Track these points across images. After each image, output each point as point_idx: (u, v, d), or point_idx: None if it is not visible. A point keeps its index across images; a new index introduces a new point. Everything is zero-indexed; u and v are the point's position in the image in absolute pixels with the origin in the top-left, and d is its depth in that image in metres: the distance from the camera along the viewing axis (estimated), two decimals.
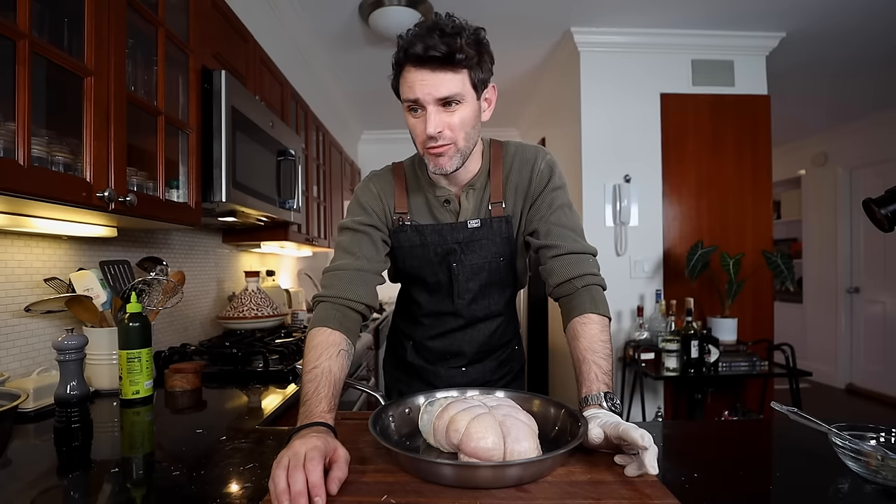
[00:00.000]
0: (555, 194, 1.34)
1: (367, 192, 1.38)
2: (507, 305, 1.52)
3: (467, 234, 1.35)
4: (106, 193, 1.31)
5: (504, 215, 1.36)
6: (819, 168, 6.25)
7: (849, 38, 3.56)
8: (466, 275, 1.39)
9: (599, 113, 3.61)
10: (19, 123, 1.09)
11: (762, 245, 3.57)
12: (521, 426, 0.89)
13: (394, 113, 5.21)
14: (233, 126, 1.95)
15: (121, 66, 1.40)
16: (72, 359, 1.19)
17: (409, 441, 1.05)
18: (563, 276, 1.26)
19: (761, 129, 3.64)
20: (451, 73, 1.13)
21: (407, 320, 1.56)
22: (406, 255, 1.39)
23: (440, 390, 1.19)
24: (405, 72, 1.16)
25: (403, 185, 1.40)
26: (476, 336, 1.49)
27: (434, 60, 1.11)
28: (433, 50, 1.09)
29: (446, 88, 1.13)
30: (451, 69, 1.13)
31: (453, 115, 1.17)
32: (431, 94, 1.13)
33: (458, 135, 1.19)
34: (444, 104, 1.15)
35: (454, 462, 0.86)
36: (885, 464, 0.85)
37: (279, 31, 3.12)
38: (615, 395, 1.08)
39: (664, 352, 3.08)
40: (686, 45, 3.61)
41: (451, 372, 1.53)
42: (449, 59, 1.11)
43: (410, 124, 1.23)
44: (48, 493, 0.93)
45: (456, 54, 1.11)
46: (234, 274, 3.06)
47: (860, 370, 5.82)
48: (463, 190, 1.36)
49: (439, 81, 1.13)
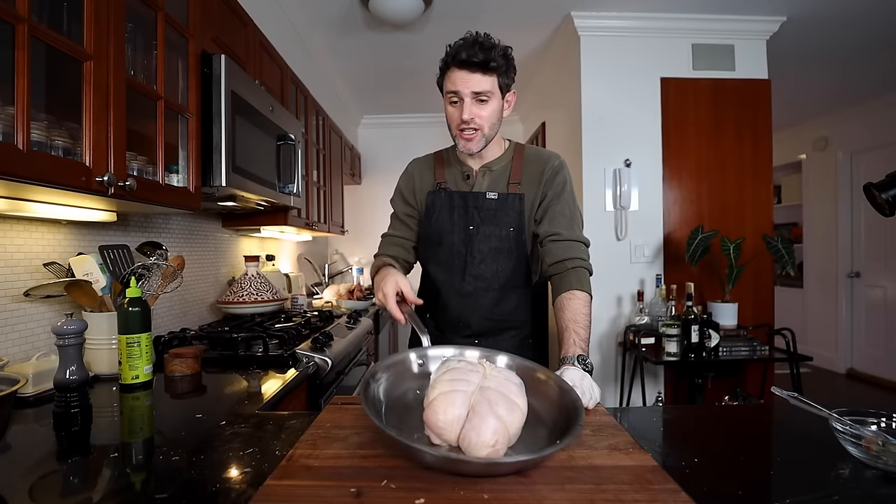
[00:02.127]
0: (561, 189, 1.63)
1: (406, 175, 1.79)
2: (512, 285, 1.70)
3: (486, 203, 1.65)
4: (105, 178, 1.31)
5: (519, 193, 1.64)
6: (820, 152, 6.22)
7: (849, 22, 3.52)
8: (481, 235, 1.65)
9: (600, 97, 3.58)
10: (19, 108, 1.08)
11: (763, 230, 3.56)
12: (489, 419, 0.85)
13: (393, 97, 5.21)
14: (232, 110, 1.93)
15: (120, 50, 1.39)
16: (71, 343, 1.18)
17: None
18: (557, 257, 1.55)
19: (762, 114, 3.62)
20: (484, 76, 1.49)
21: (425, 297, 1.72)
22: (438, 213, 1.69)
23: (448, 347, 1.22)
24: (450, 71, 1.52)
25: (441, 163, 1.76)
26: (480, 304, 1.69)
27: (473, 65, 1.47)
28: (474, 56, 1.46)
29: (479, 86, 1.49)
30: (484, 72, 1.49)
31: (483, 107, 1.53)
32: (469, 88, 1.49)
33: (484, 123, 1.54)
34: (477, 98, 1.51)
35: (418, 445, 0.81)
36: (886, 449, 0.85)
37: (279, 15, 3.09)
38: (587, 357, 1.31)
39: (664, 336, 3.08)
40: (686, 30, 3.57)
41: (464, 342, 1.68)
42: (484, 65, 1.47)
43: (449, 112, 1.58)
44: (48, 478, 0.93)
45: (490, 62, 1.47)
46: (233, 258, 3.05)
47: (861, 355, 5.82)
48: (481, 170, 1.69)
49: (475, 80, 1.49)
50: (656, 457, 0.91)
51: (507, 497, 0.75)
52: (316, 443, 0.95)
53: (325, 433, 1.00)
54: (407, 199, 1.75)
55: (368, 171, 5.93)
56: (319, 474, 0.82)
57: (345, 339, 2.41)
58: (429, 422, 0.89)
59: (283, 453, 0.95)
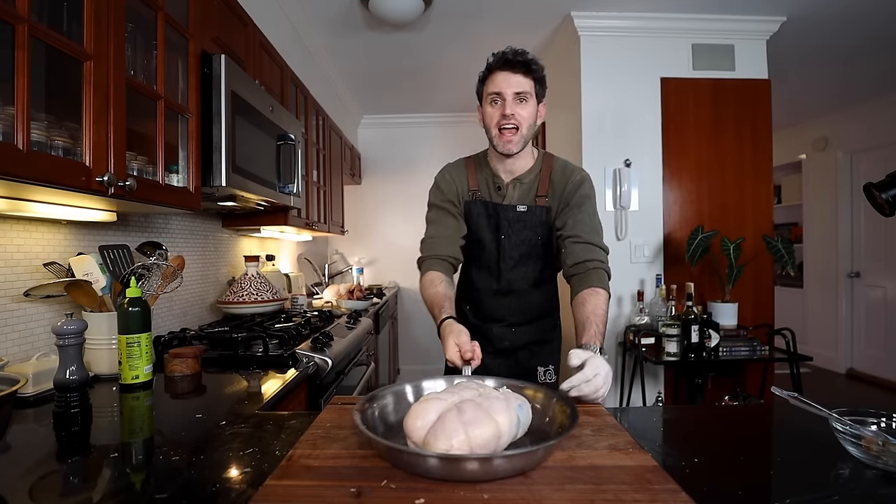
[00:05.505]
0: (584, 199, 1.71)
1: (443, 178, 1.83)
2: (541, 282, 1.85)
3: (515, 215, 1.76)
4: (105, 178, 1.31)
5: (546, 205, 1.75)
6: (820, 152, 6.22)
7: (849, 21, 3.51)
8: (511, 244, 1.78)
9: (600, 97, 3.58)
10: (18, 108, 1.08)
11: (763, 229, 3.56)
12: (451, 425, 0.86)
13: (393, 97, 5.21)
14: (232, 110, 1.93)
15: (120, 50, 1.39)
16: (71, 343, 1.18)
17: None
18: (579, 258, 1.62)
19: (762, 114, 3.62)
20: (525, 77, 1.63)
21: (466, 295, 1.94)
22: (473, 221, 1.80)
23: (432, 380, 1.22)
24: (493, 74, 1.65)
25: (473, 171, 1.83)
26: (512, 303, 1.85)
27: (518, 65, 1.61)
28: (518, 57, 1.61)
29: (520, 86, 1.62)
30: (525, 74, 1.62)
31: (523, 106, 1.64)
32: (511, 88, 1.62)
33: (523, 122, 1.64)
34: (518, 97, 1.63)
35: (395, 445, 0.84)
36: (886, 449, 0.85)
37: (279, 15, 3.09)
38: (605, 351, 1.48)
39: (664, 336, 3.08)
40: (686, 30, 3.57)
41: (503, 331, 1.88)
42: (526, 67, 1.62)
43: (488, 113, 1.68)
44: (48, 478, 0.93)
45: (531, 65, 1.62)
46: (233, 258, 3.05)
47: (861, 355, 5.82)
48: (512, 182, 1.77)
49: (517, 81, 1.62)
50: (656, 457, 0.91)
51: (507, 497, 0.75)
52: (316, 443, 0.95)
53: (325, 433, 1.00)
54: (450, 198, 1.79)
55: (368, 171, 5.93)
56: (319, 474, 0.82)
57: (345, 339, 2.41)
58: (405, 425, 0.90)
59: (283, 453, 0.95)
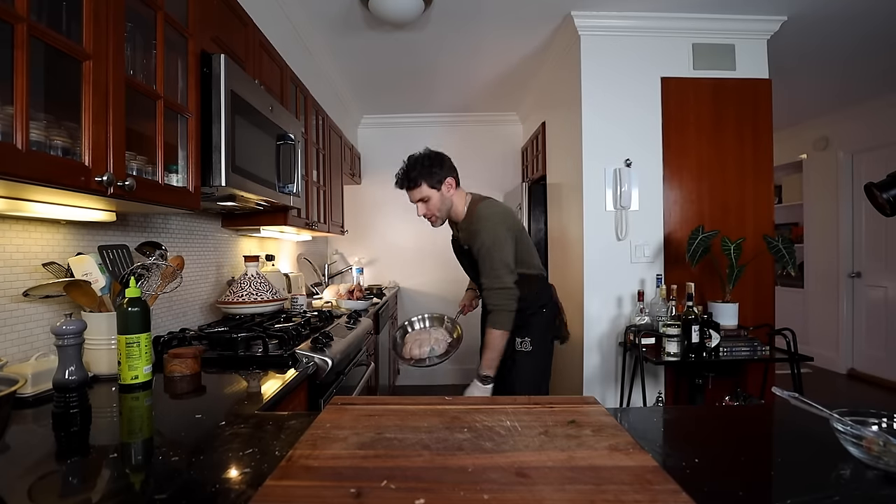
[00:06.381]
0: (479, 247, 2.33)
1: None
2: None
3: (464, 250, 2.48)
4: (105, 178, 1.31)
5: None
6: (820, 152, 6.22)
7: (851, 21, 3.51)
8: (465, 265, 2.61)
9: (600, 97, 3.58)
10: (17, 107, 1.08)
11: (763, 229, 3.56)
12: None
13: (393, 97, 5.21)
14: (232, 110, 1.93)
15: (119, 49, 1.39)
16: (70, 344, 1.18)
17: None
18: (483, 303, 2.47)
19: (762, 114, 3.61)
20: (416, 189, 2.39)
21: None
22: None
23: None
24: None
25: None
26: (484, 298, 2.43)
27: (404, 184, 2.41)
28: (401, 182, 2.42)
29: (415, 196, 2.41)
30: (412, 188, 2.39)
31: (426, 205, 2.41)
32: (413, 199, 2.42)
33: (434, 211, 2.41)
34: (421, 201, 2.40)
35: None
36: (887, 449, 0.85)
37: (278, 14, 3.08)
38: (486, 372, 2.24)
39: (665, 337, 3.07)
40: (687, 29, 3.57)
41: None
42: (411, 183, 2.39)
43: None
44: (47, 479, 0.93)
45: (410, 181, 2.38)
46: (233, 258, 3.05)
47: (862, 355, 5.82)
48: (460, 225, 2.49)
49: (412, 195, 2.41)
50: (657, 457, 0.91)
51: (506, 497, 0.75)
52: (315, 443, 0.95)
53: (325, 433, 1.00)
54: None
55: (368, 171, 5.92)
56: (319, 475, 0.82)
57: (344, 340, 2.41)
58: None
59: (283, 454, 0.94)
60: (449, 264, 5.69)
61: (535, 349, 2.42)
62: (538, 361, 2.45)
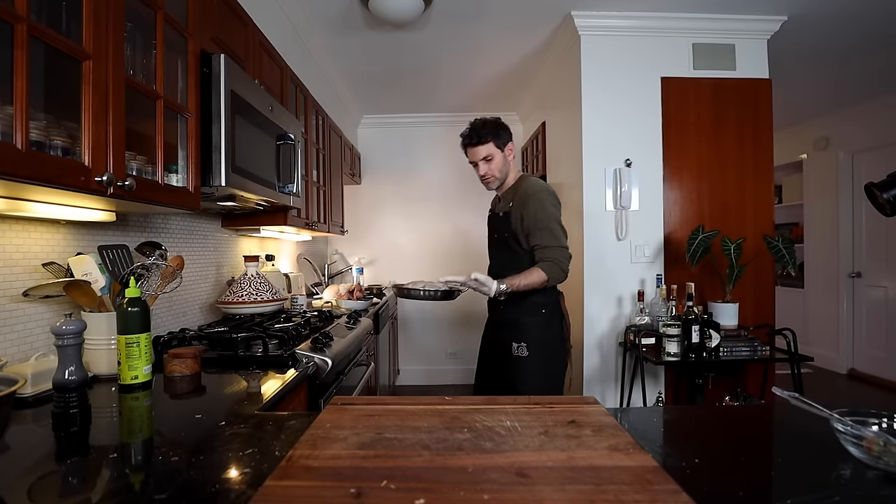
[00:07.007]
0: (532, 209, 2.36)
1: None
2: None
3: (499, 217, 2.51)
4: (104, 178, 1.30)
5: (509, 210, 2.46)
6: (820, 152, 6.22)
7: (851, 21, 3.51)
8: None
9: (600, 97, 3.58)
10: (17, 107, 1.07)
11: (763, 229, 3.56)
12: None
13: (394, 97, 5.21)
14: (232, 110, 1.93)
15: (119, 49, 1.39)
16: (70, 344, 1.18)
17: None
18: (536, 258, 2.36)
19: (762, 114, 3.61)
20: (479, 146, 2.41)
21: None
22: None
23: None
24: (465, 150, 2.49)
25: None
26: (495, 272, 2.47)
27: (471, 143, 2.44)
28: (464, 142, 2.46)
29: (481, 154, 2.43)
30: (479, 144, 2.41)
31: (489, 164, 2.44)
32: (475, 157, 2.45)
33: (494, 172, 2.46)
34: (484, 160, 2.43)
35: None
36: (887, 449, 0.85)
37: (278, 14, 3.08)
38: (505, 286, 2.24)
39: (665, 337, 3.07)
40: (687, 29, 3.57)
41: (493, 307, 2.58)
42: (478, 140, 2.41)
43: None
44: (47, 479, 0.93)
45: (481, 137, 2.39)
46: (233, 258, 3.05)
47: (862, 355, 5.82)
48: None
49: (477, 151, 2.43)
50: (657, 457, 0.91)
51: (506, 497, 0.75)
52: (315, 443, 0.95)
53: (325, 433, 1.00)
54: None
55: (368, 171, 5.92)
56: (319, 475, 0.82)
57: (344, 340, 2.41)
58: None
59: (283, 454, 0.94)
60: (449, 264, 5.71)
61: (533, 354, 2.33)
62: (539, 367, 2.34)
